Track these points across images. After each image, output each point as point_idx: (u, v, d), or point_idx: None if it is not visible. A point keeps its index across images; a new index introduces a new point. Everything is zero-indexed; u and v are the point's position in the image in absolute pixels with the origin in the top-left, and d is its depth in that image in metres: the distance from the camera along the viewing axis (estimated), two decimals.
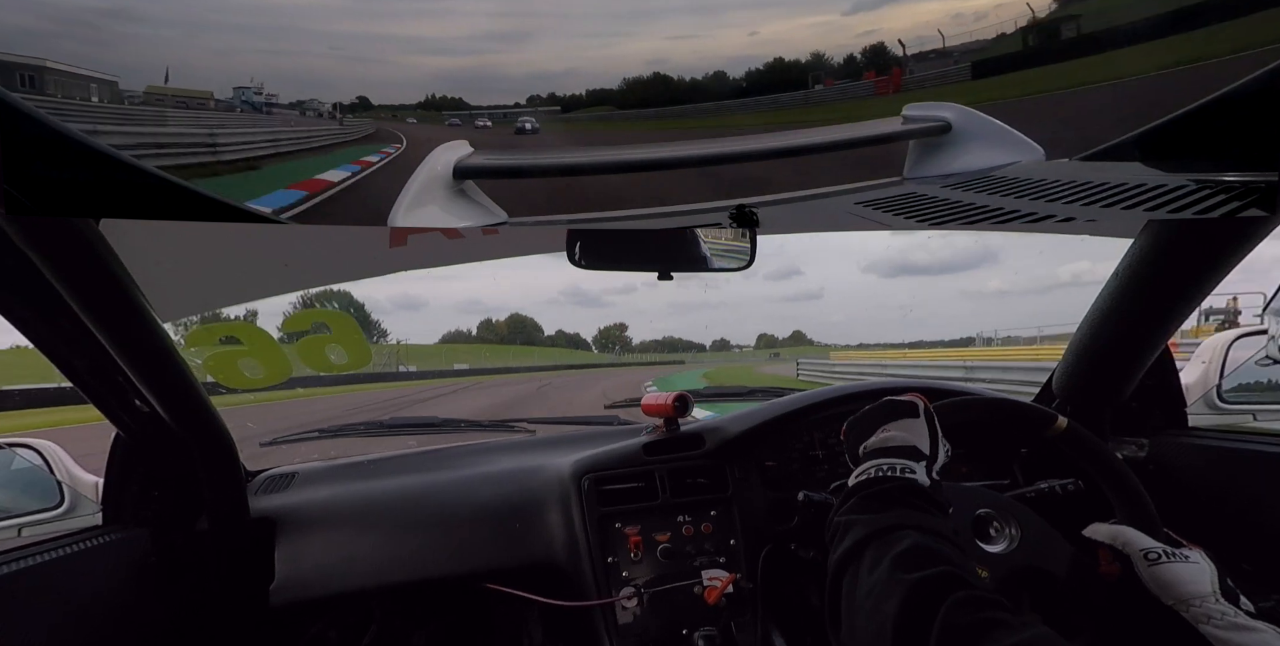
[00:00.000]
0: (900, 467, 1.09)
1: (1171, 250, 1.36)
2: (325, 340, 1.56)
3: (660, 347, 35.96)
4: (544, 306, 67.87)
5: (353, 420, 2.29)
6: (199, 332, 1.55)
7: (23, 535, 1.92)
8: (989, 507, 1.30)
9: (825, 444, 1.82)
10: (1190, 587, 1.06)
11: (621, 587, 1.59)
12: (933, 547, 0.91)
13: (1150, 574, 1.10)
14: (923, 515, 1.00)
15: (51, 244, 1.05)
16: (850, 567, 0.96)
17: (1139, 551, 1.13)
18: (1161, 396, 1.75)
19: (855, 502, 1.07)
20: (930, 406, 1.21)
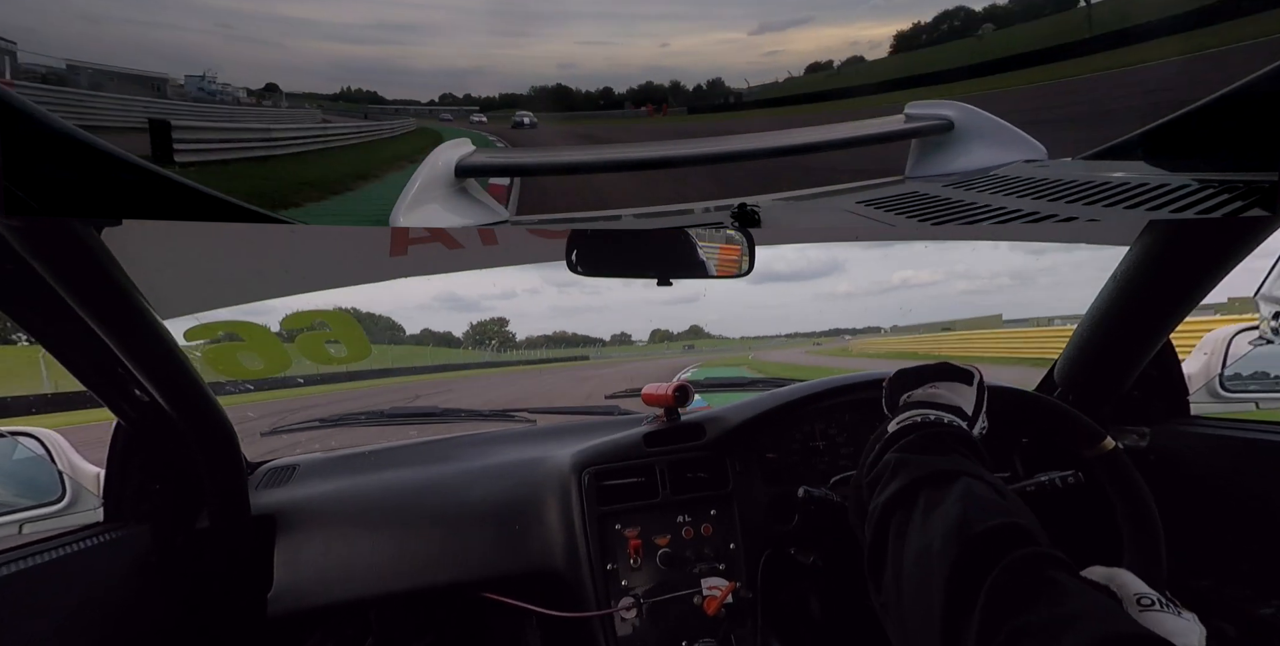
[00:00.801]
0: (949, 419, 1.06)
1: (1174, 248, 1.37)
2: (325, 336, 1.56)
3: (551, 343, 34.19)
4: (414, 311, 67.41)
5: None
6: (199, 328, 1.55)
7: (24, 531, 1.93)
8: None
9: (826, 435, 1.83)
10: (1176, 640, 1.04)
11: (621, 597, 1.58)
12: (995, 499, 0.86)
13: (1140, 618, 1.09)
14: (978, 466, 0.95)
15: (51, 243, 1.04)
16: (902, 509, 0.89)
17: (1132, 594, 1.10)
18: (1164, 385, 1.76)
19: (909, 442, 1.00)
20: (984, 380, 1.20)
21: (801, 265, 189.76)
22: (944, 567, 0.77)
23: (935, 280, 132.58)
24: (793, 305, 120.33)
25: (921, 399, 1.14)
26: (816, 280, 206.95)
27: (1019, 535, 0.79)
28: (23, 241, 1.01)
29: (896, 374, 1.24)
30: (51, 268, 1.06)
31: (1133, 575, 1.12)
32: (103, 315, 1.18)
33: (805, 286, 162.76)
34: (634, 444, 1.76)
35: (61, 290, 1.10)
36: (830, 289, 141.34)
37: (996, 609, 0.71)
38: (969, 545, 0.77)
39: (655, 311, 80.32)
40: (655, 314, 72.58)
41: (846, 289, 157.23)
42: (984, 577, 0.73)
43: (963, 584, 0.74)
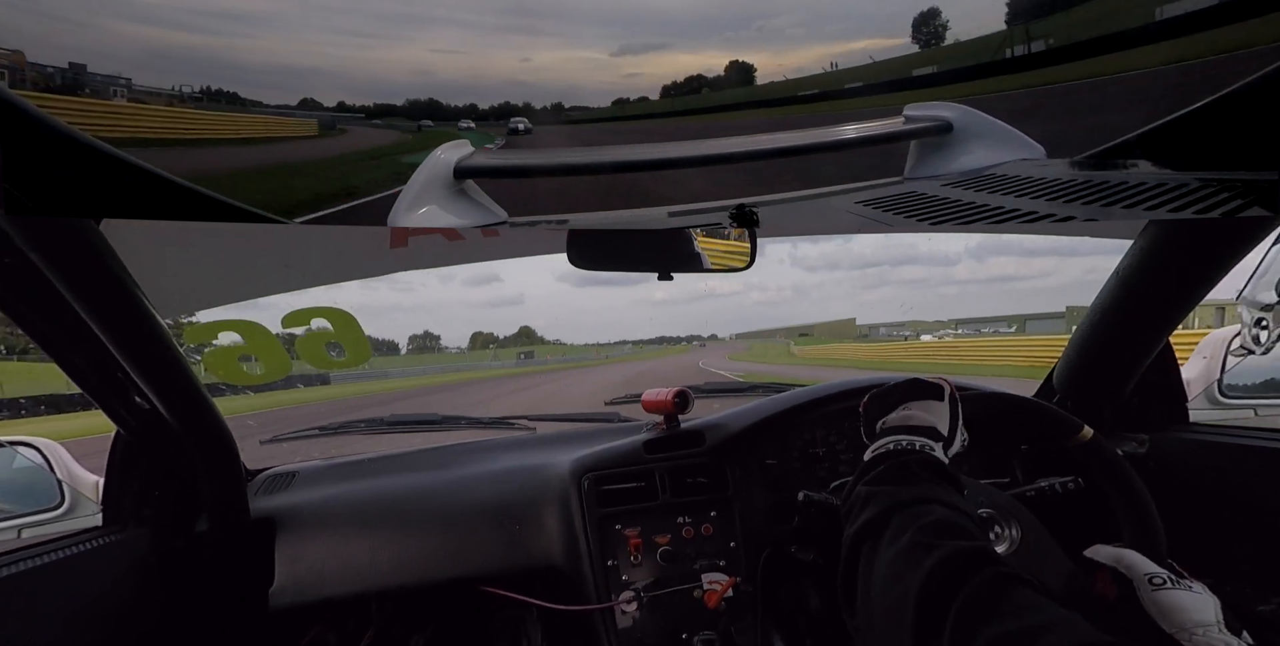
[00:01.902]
0: (920, 444, 1.07)
1: (1173, 248, 1.37)
2: (325, 336, 1.55)
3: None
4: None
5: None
6: (198, 329, 1.55)
7: (23, 536, 1.92)
8: (990, 508, 1.30)
9: (826, 441, 1.82)
10: (1193, 615, 1.02)
11: (621, 591, 1.59)
12: (960, 523, 0.89)
13: (1153, 598, 1.06)
14: (946, 491, 0.98)
15: (51, 243, 1.05)
16: (870, 539, 0.92)
17: (1143, 575, 1.09)
18: (1162, 392, 1.75)
19: (879, 473, 1.03)
20: (955, 392, 1.21)
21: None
22: (912, 594, 0.79)
23: (735, 291, 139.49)
24: (615, 310, 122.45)
25: (895, 424, 1.15)
26: (634, 286, 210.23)
27: (982, 557, 0.81)
28: (24, 238, 1.01)
29: (869, 398, 1.25)
30: (52, 265, 1.06)
31: (1139, 555, 1.13)
32: (103, 315, 1.19)
33: (625, 292, 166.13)
34: (634, 450, 1.76)
35: (63, 289, 1.10)
36: (647, 295, 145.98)
37: (965, 629, 0.73)
38: (934, 571, 0.80)
39: (476, 314, 78.87)
40: (475, 316, 69.96)
41: (662, 296, 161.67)
42: (951, 600, 0.75)
43: (930, 608, 0.77)
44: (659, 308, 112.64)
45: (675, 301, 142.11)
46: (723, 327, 54.61)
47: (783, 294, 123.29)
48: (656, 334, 43.15)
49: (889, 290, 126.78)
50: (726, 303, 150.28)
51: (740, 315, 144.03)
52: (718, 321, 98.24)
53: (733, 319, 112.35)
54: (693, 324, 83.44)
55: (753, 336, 38.47)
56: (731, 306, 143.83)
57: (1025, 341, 19.88)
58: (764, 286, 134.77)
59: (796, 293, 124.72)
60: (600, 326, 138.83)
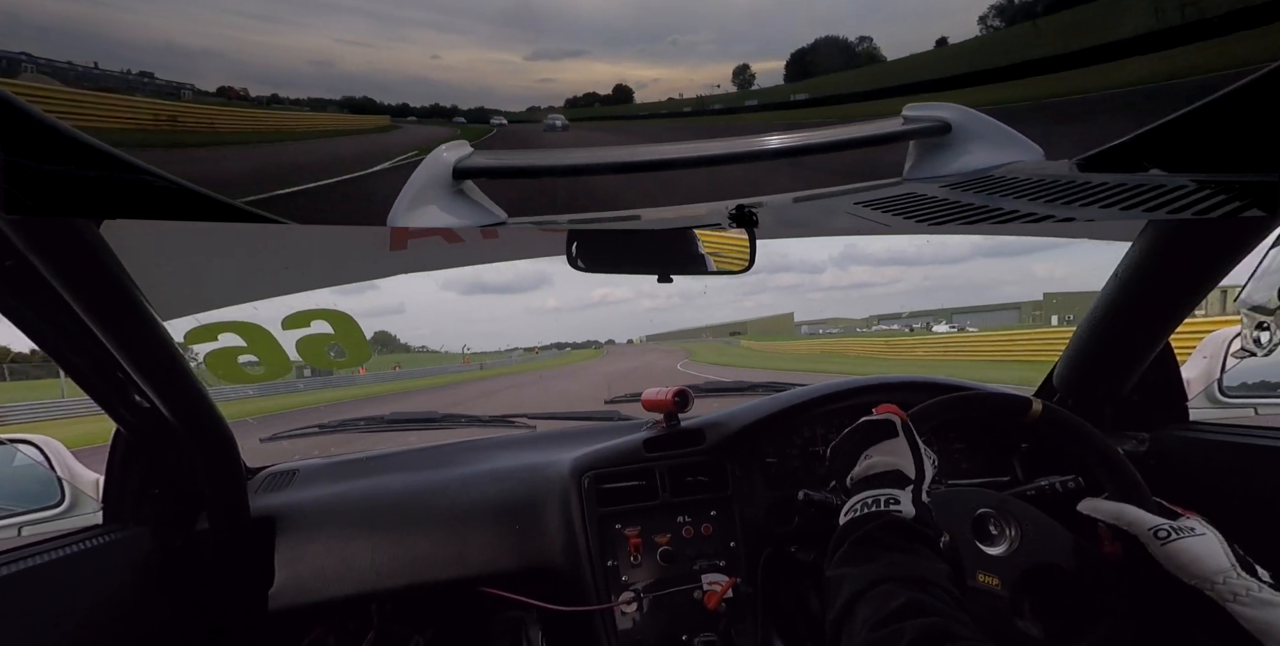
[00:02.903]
0: (885, 499, 1.08)
1: (1173, 248, 1.37)
2: (326, 338, 1.56)
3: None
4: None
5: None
6: (199, 330, 1.55)
7: (23, 534, 1.93)
8: (988, 507, 1.30)
9: (826, 439, 1.82)
10: (1209, 563, 1.05)
11: (621, 592, 1.59)
12: (917, 600, 0.91)
13: (1164, 553, 1.10)
14: (909, 559, 0.99)
15: (51, 243, 1.05)
16: (845, 626, 0.96)
17: (1147, 530, 1.13)
18: (1163, 390, 1.75)
19: (843, 552, 1.06)
20: (907, 420, 1.21)
21: (510, 277, 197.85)
22: None
23: (628, 298, 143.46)
24: (507, 319, 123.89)
25: (860, 477, 1.16)
26: (526, 294, 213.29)
27: (942, 636, 0.84)
28: (24, 238, 1.01)
29: (831, 452, 1.26)
30: (52, 265, 1.06)
31: (1136, 509, 1.15)
32: (103, 314, 1.19)
33: (516, 300, 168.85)
34: (634, 449, 1.76)
35: (62, 288, 1.10)
36: (540, 303, 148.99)
37: None
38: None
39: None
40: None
41: (556, 304, 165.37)
42: None
43: None
44: (552, 315, 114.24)
45: (570, 309, 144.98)
46: (619, 334, 54.61)
47: (671, 300, 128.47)
48: (552, 340, 41.55)
49: (767, 296, 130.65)
50: (619, 310, 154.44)
51: (634, 322, 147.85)
52: (613, 328, 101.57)
53: (628, 325, 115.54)
54: (588, 330, 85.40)
55: (667, 338, 37.42)
56: (624, 313, 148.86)
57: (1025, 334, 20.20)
58: (654, 294, 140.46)
59: (684, 299, 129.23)
60: (490, 334, 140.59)
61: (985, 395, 1.38)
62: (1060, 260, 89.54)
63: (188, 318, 1.49)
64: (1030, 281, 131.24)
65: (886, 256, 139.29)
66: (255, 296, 1.60)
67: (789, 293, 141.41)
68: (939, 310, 26.51)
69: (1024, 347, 19.36)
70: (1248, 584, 1.01)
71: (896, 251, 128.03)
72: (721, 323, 33.84)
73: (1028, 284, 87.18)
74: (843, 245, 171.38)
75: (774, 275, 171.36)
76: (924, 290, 37.89)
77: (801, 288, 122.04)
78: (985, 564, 1.20)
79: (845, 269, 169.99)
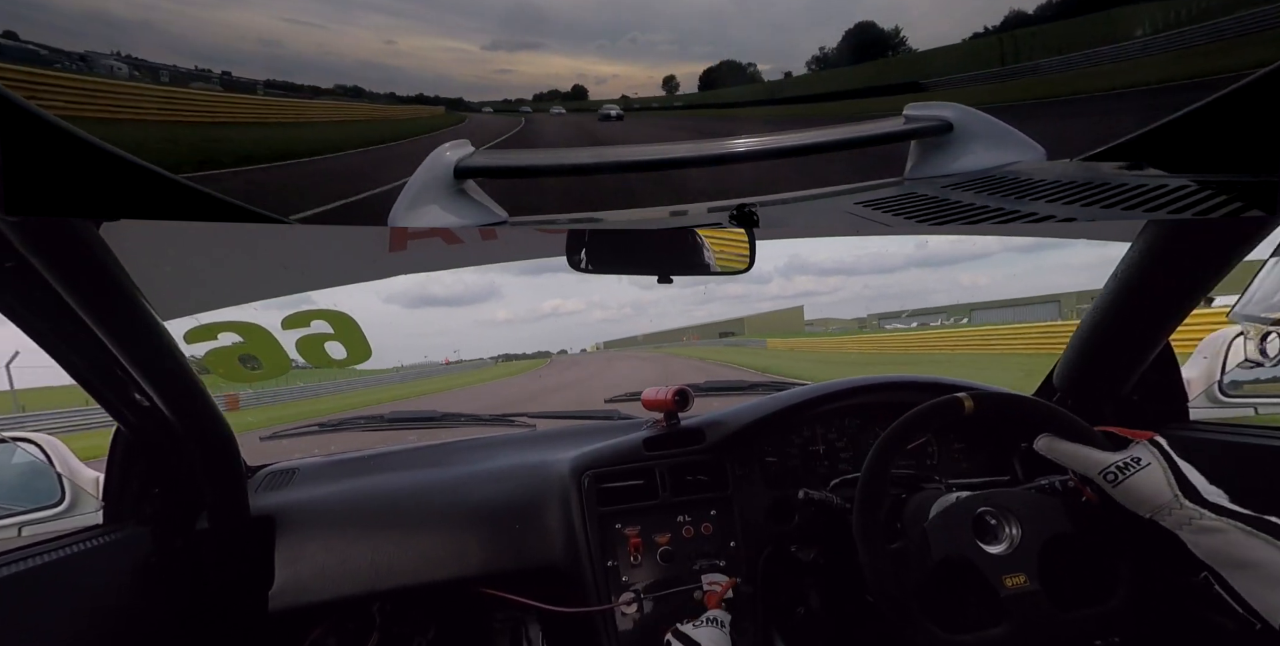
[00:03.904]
0: None
1: (1173, 248, 1.37)
2: (325, 337, 1.56)
3: None
4: None
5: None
6: (198, 330, 1.55)
7: (23, 533, 1.93)
8: (988, 507, 1.30)
9: (826, 439, 1.83)
10: (1155, 498, 1.11)
11: (621, 592, 1.59)
12: None
13: (1117, 493, 1.15)
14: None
15: (51, 243, 1.04)
16: None
17: (1099, 475, 1.17)
18: (1163, 390, 1.75)
19: None
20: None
21: (459, 289, 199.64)
22: None
23: (579, 309, 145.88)
24: (455, 332, 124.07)
25: None
26: (476, 305, 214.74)
27: None
28: (23, 239, 1.01)
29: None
30: (51, 265, 1.06)
31: (1086, 449, 1.21)
32: (102, 314, 1.18)
33: (465, 312, 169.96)
34: (634, 448, 1.76)
35: (61, 288, 1.10)
36: (490, 315, 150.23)
37: None
38: None
39: (283, 339, 69.45)
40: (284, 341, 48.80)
41: (505, 315, 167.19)
42: None
43: None
44: (503, 327, 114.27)
45: (521, 320, 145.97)
46: (571, 344, 54.59)
47: (623, 311, 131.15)
48: (501, 352, 40.26)
49: (716, 305, 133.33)
50: (570, 321, 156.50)
51: (586, 332, 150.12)
52: (564, 338, 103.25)
53: (579, 335, 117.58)
54: (539, 341, 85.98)
55: (631, 344, 36.37)
56: (575, 324, 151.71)
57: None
58: (605, 305, 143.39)
59: (635, 309, 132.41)
60: (438, 347, 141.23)
61: (914, 415, 1.33)
62: (983, 269, 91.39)
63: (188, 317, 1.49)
64: (956, 289, 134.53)
65: (830, 266, 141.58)
66: (255, 296, 1.60)
67: (737, 302, 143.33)
68: (951, 306, 26.33)
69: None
70: (1190, 513, 1.07)
71: (837, 261, 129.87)
72: (706, 322, 32.87)
73: (954, 291, 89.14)
74: (787, 256, 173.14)
75: (721, 286, 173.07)
76: (865, 297, 38.46)
77: (749, 297, 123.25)
78: (1004, 566, 1.21)
79: (790, 279, 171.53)
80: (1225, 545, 1.04)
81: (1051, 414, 1.31)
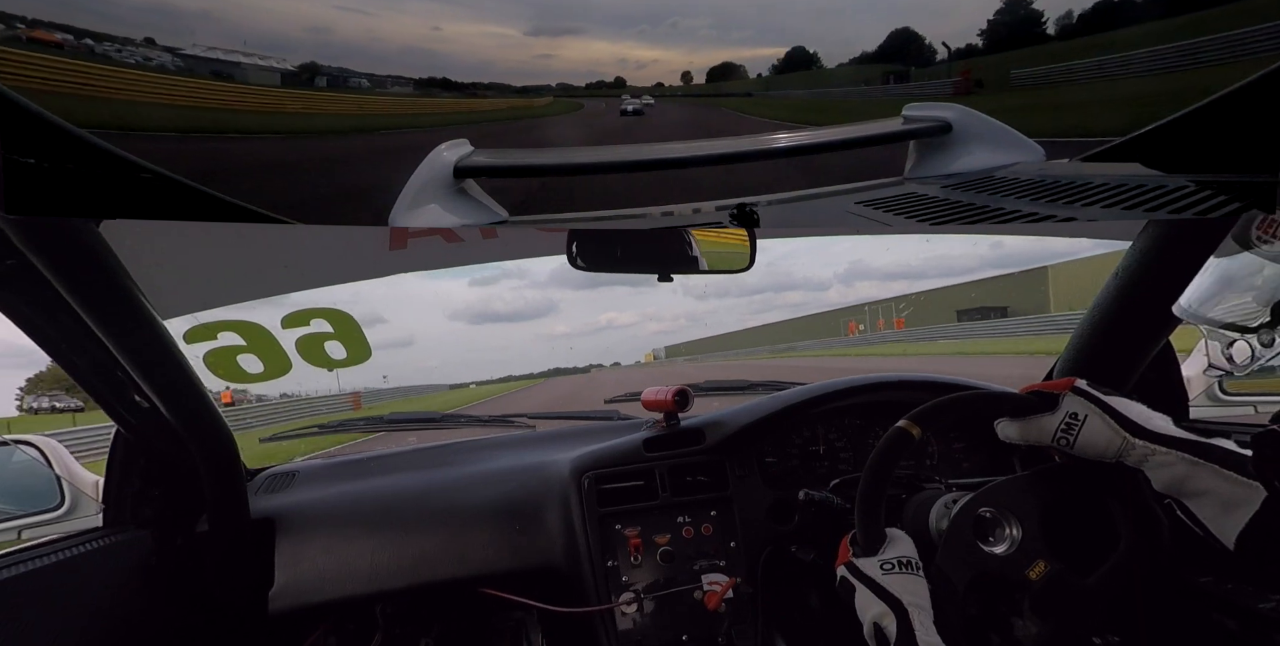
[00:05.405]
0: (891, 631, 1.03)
1: (1173, 248, 1.37)
2: (324, 337, 1.56)
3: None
4: None
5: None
6: (199, 329, 1.55)
7: (23, 537, 1.93)
8: (989, 506, 1.29)
9: (826, 439, 1.83)
10: (1108, 446, 1.11)
11: (621, 592, 1.59)
12: None
13: (1076, 453, 1.15)
14: None
15: (51, 243, 1.04)
16: None
17: (1051, 443, 1.17)
18: (1163, 389, 1.75)
19: None
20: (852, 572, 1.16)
21: (519, 305, 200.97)
22: None
23: (633, 322, 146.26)
24: (516, 346, 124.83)
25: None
26: (535, 321, 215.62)
27: None
28: (23, 238, 1.01)
29: (839, 587, 1.19)
30: (52, 264, 1.06)
31: (1033, 422, 1.18)
32: (103, 313, 1.18)
33: (526, 327, 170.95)
34: (634, 448, 1.76)
35: (61, 288, 1.10)
36: (549, 329, 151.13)
37: None
38: None
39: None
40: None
41: (564, 329, 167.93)
42: None
43: None
44: (559, 340, 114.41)
45: (578, 334, 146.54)
46: (625, 357, 54.61)
47: (678, 322, 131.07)
48: (553, 365, 39.86)
49: (774, 314, 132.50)
50: (624, 333, 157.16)
51: (639, 345, 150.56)
52: (619, 350, 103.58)
53: (632, 349, 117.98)
54: (593, 354, 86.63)
55: (696, 349, 35.32)
56: (628, 337, 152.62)
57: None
58: (660, 317, 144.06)
59: (691, 321, 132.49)
60: (499, 363, 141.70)
61: (874, 464, 1.22)
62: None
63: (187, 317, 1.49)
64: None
65: (895, 270, 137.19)
66: (255, 296, 1.60)
67: (796, 310, 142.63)
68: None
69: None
70: (1144, 451, 1.07)
71: (903, 265, 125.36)
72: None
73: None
74: (847, 262, 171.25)
75: (780, 294, 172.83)
76: (930, 301, 38.28)
77: (808, 305, 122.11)
78: (1023, 559, 1.19)
79: (851, 285, 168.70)
80: (1178, 477, 1.05)
81: (985, 399, 1.28)
